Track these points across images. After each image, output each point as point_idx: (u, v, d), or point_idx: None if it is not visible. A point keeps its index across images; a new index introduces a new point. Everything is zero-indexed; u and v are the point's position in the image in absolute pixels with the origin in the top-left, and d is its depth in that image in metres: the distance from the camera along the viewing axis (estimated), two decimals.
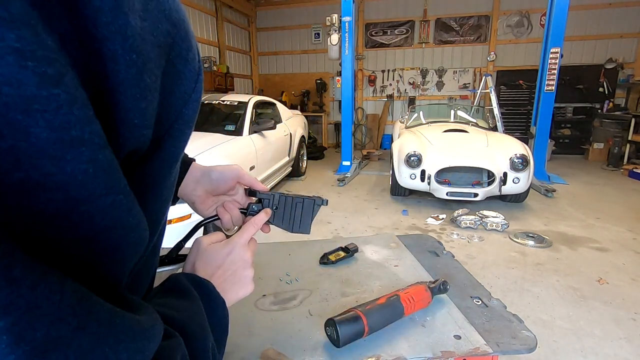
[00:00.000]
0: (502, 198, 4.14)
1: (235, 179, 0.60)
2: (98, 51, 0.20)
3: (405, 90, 8.31)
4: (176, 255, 0.59)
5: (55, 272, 0.18)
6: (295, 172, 5.43)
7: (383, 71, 8.36)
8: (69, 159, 0.18)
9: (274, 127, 4.21)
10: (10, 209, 0.18)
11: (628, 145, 6.15)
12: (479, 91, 6.39)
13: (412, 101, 8.16)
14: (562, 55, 5.08)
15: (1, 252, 0.16)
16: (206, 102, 4.35)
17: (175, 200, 0.61)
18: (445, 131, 4.50)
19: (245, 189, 0.61)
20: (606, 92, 7.17)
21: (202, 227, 0.62)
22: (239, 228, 0.56)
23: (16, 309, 0.16)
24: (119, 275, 0.25)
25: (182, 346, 0.32)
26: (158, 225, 0.30)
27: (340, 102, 6.45)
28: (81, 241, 0.21)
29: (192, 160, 0.63)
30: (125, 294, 0.26)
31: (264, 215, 0.57)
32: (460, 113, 5.43)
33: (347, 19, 5.33)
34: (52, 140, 0.18)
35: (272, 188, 4.61)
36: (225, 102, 4.33)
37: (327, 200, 0.62)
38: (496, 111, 5.52)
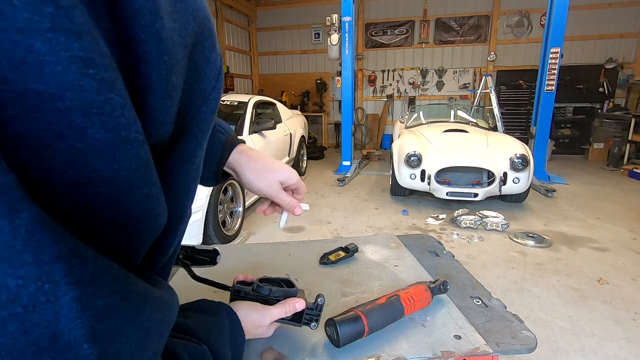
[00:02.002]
0: (502, 198, 4.14)
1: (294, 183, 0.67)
2: (134, 53, 0.21)
3: (405, 90, 8.32)
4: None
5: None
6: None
7: (383, 71, 8.36)
8: (118, 157, 0.20)
9: (274, 127, 4.21)
10: (63, 200, 0.19)
11: (628, 145, 6.15)
12: (479, 91, 6.39)
13: (412, 101, 8.16)
14: (562, 55, 5.08)
15: (69, 234, 0.17)
16: None
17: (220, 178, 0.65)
18: (445, 131, 4.50)
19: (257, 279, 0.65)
20: (606, 92, 7.17)
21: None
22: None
23: (84, 281, 0.18)
24: (137, 256, 0.26)
25: (203, 356, 0.37)
26: (175, 220, 0.31)
27: (340, 102, 6.45)
28: (116, 228, 0.22)
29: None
30: (145, 272, 0.28)
31: (301, 304, 0.60)
32: (460, 113, 5.43)
33: (347, 19, 5.33)
34: (105, 141, 0.19)
35: None
36: (225, 102, 4.33)
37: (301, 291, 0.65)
38: (496, 111, 5.52)
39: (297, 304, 0.59)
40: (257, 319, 0.54)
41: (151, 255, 0.30)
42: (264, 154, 0.66)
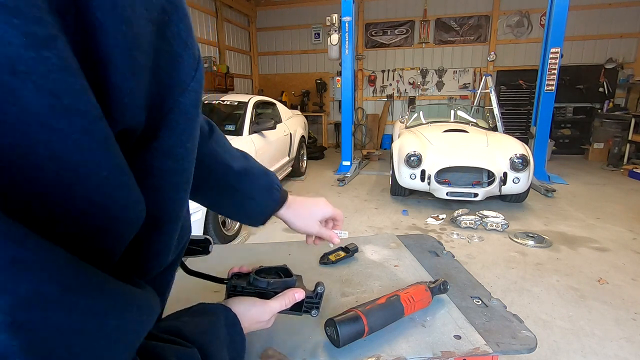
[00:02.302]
0: (502, 198, 4.14)
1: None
2: (88, 21, 0.19)
3: (405, 90, 8.32)
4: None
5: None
6: (296, 172, 5.43)
7: (383, 71, 8.36)
8: (61, 127, 0.18)
9: (274, 127, 4.21)
10: (2, 174, 0.17)
11: (628, 145, 6.15)
12: (479, 91, 6.39)
13: (412, 101, 8.16)
14: (562, 55, 5.08)
15: None
16: (206, 102, 4.35)
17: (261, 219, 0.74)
18: (445, 131, 4.50)
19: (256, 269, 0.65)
20: (606, 92, 7.17)
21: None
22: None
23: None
24: (110, 250, 0.24)
25: (192, 357, 0.35)
26: (161, 220, 0.29)
27: (340, 102, 6.45)
28: (73, 213, 0.20)
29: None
30: (124, 270, 0.26)
31: (301, 294, 0.61)
32: (460, 113, 5.43)
33: (347, 19, 5.33)
34: (41, 106, 0.17)
35: None
36: (225, 102, 4.33)
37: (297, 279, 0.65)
38: (496, 111, 5.52)
39: (296, 295, 0.59)
40: (256, 315, 0.54)
41: (139, 260, 0.28)
42: (302, 199, 0.79)
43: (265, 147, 4.10)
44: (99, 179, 0.20)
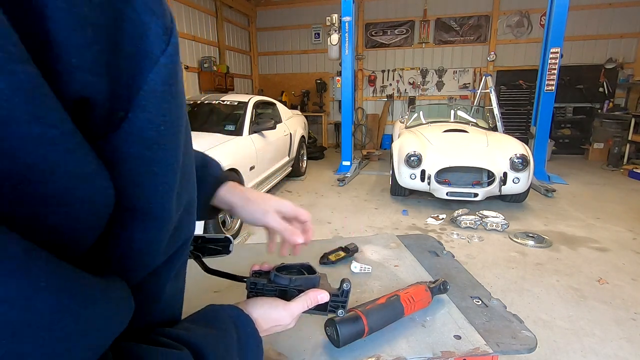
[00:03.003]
0: (502, 198, 4.14)
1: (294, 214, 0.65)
2: None
3: (405, 90, 8.32)
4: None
5: None
6: (296, 172, 5.43)
7: (383, 71, 8.36)
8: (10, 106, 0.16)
9: (274, 127, 4.21)
10: None
11: (628, 145, 6.15)
12: (479, 91, 6.39)
13: (412, 101, 8.16)
14: (562, 55, 5.08)
15: None
16: (206, 102, 4.36)
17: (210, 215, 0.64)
18: (445, 131, 4.50)
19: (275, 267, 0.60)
20: (606, 92, 7.17)
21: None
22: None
23: None
24: (69, 232, 0.22)
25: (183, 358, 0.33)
26: (142, 213, 0.27)
27: (340, 102, 6.45)
28: (6, 178, 0.18)
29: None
30: (90, 260, 0.24)
31: (325, 296, 0.54)
32: (460, 113, 5.43)
33: (347, 19, 5.33)
34: None
35: (272, 188, 4.61)
36: (225, 102, 4.33)
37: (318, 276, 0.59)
38: (496, 111, 5.52)
39: (319, 296, 0.53)
40: (277, 319, 0.50)
41: (121, 258, 0.27)
42: (253, 189, 0.67)
43: (265, 147, 4.10)
44: (31, 136, 0.18)
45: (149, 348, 0.31)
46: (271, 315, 0.50)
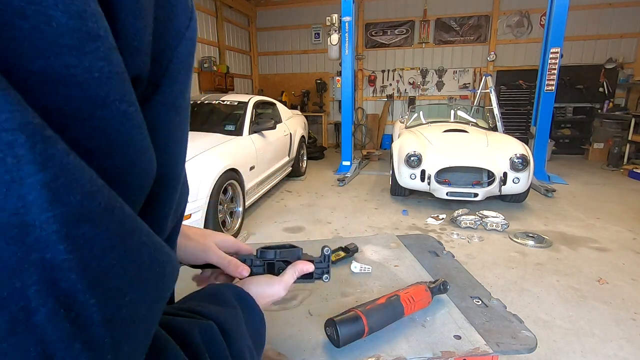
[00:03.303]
0: (502, 198, 4.14)
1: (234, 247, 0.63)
2: None
3: (405, 90, 8.32)
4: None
5: None
6: (295, 172, 5.44)
7: (383, 71, 8.36)
8: (87, 51, 0.18)
9: (274, 127, 4.21)
10: (34, 99, 0.17)
11: (628, 145, 6.15)
12: (479, 91, 6.39)
13: (412, 101, 8.17)
14: (562, 55, 5.08)
15: (33, 112, 0.16)
16: (206, 102, 4.36)
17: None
18: (445, 131, 4.50)
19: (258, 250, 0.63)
20: (606, 92, 7.17)
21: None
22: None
23: (53, 166, 0.16)
24: (129, 202, 0.24)
25: (210, 328, 0.35)
26: (166, 178, 0.29)
27: (340, 102, 6.45)
28: (98, 153, 0.20)
29: None
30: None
31: (310, 266, 0.59)
32: (460, 113, 5.43)
33: (347, 19, 5.33)
34: (71, 27, 0.17)
35: (272, 188, 4.61)
36: (225, 102, 4.33)
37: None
38: (496, 111, 5.52)
39: (305, 267, 0.58)
40: (273, 294, 0.54)
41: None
42: (194, 227, 0.64)
43: (265, 147, 4.10)
44: (118, 113, 0.20)
45: (183, 319, 0.33)
46: (267, 291, 0.53)
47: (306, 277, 0.59)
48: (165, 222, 0.31)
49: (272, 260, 0.58)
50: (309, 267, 0.58)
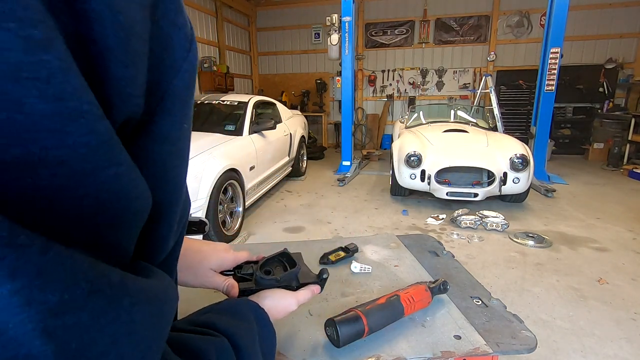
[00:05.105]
0: (502, 198, 4.14)
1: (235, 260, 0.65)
2: (83, 13, 0.19)
3: (405, 90, 8.32)
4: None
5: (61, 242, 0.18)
6: (295, 172, 5.44)
7: (383, 71, 8.36)
8: (69, 131, 0.18)
9: (274, 127, 4.21)
10: (11, 186, 0.17)
11: (628, 145, 6.15)
12: (479, 91, 6.39)
13: (412, 101, 8.16)
14: (562, 55, 5.08)
15: (1, 222, 0.16)
16: (206, 102, 4.36)
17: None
18: (445, 131, 4.50)
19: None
20: (606, 92, 7.17)
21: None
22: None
23: (24, 273, 0.16)
24: (125, 243, 0.24)
25: (224, 346, 0.35)
26: (164, 204, 0.29)
27: (340, 102, 6.45)
28: (85, 214, 0.20)
29: None
30: (137, 262, 0.26)
31: (318, 289, 0.64)
32: (460, 113, 5.43)
33: (347, 19, 5.33)
34: (48, 112, 0.17)
35: (272, 188, 4.61)
36: (225, 102, 4.33)
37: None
38: (496, 111, 5.52)
39: (314, 290, 0.62)
40: (286, 306, 0.56)
41: (146, 247, 0.28)
42: (194, 242, 0.65)
43: (265, 147, 4.10)
44: (107, 177, 0.20)
45: (197, 337, 0.34)
46: (281, 304, 0.55)
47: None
48: (166, 243, 0.31)
49: (272, 286, 0.59)
50: (317, 290, 0.63)
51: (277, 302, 0.55)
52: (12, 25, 0.15)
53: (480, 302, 0.85)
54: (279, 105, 5.25)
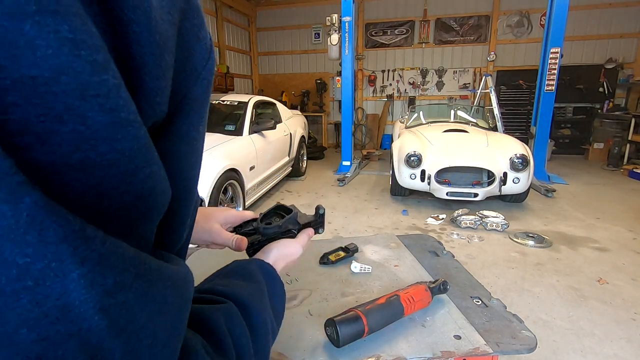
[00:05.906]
0: (502, 198, 4.14)
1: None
2: (125, 34, 0.21)
3: (405, 90, 8.32)
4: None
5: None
6: (295, 172, 5.43)
7: (383, 71, 8.36)
8: (119, 138, 0.21)
9: (274, 127, 4.21)
10: (71, 186, 0.20)
11: (628, 145, 6.15)
12: (479, 91, 6.39)
13: (412, 101, 8.16)
14: (562, 55, 5.08)
15: (73, 217, 0.19)
16: None
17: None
18: (445, 131, 4.50)
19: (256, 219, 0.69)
20: (606, 92, 7.17)
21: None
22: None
23: (90, 260, 0.19)
24: (149, 233, 0.27)
25: (231, 310, 0.38)
26: (180, 198, 0.32)
27: (340, 102, 6.45)
28: (126, 208, 0.23)
29: None
30: (159, 251, 0.30)
31: (312, 232, 0.68)
32: (460, 113, 5.43)
33: (347, 19, 5.33)
34: (105, 123, 0.20)
35: (272, 188, 4.61)
36: (225, 102, 4.33)
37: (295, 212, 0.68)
38: (496, 111, 5.52)
39: (309, 233, 0.67)
40: (292, 252, 0.59)
41: (165, 237, 0.31)
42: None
43: (265, 147, 4.10)
44: (145, 175, 0.23)
45: (204, 307, 0.36)
46: (287, 250, 0.59)
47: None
48: (182, 232, 0.34)
49: (276, 235, 0.63)
50: (312, 232, 0.67)
51: (283, 251, 0.58)
52: (83, 52, 0.18)
53: (480, 302, 0.85)
54: (279, 105, 5.25)
